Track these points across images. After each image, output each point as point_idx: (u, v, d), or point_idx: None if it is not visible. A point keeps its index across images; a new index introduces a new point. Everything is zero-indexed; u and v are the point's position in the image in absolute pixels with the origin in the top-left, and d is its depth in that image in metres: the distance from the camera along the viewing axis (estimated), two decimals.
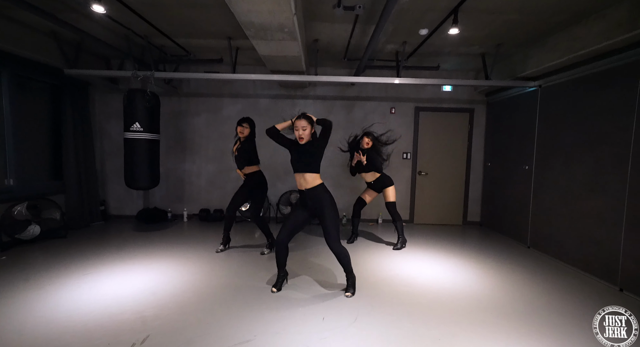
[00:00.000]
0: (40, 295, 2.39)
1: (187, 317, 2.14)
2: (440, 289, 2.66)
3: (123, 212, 5.04)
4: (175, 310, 2.23)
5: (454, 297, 2.53)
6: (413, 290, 2.64)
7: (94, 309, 2.21)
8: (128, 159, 3.83)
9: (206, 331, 1.98)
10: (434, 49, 3.99)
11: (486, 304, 2.43)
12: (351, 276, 2.53)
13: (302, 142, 2.35)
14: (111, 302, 2.31)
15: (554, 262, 3.40)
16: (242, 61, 4.67)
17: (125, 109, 3.78)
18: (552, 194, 3.54)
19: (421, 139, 5.12)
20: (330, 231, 2.36)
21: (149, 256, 3.30)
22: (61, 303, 2.28)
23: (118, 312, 2.18)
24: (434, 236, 4.44)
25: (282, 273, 2.58)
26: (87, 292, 2.46)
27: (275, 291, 2.52)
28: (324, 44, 3.93)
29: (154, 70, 3.89)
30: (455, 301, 2.46)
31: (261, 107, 5.07)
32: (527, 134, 3.99)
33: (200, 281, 2.73)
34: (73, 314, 2.14)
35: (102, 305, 2.27)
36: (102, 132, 4.91)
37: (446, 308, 2.35)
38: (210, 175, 5.14)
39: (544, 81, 3.72)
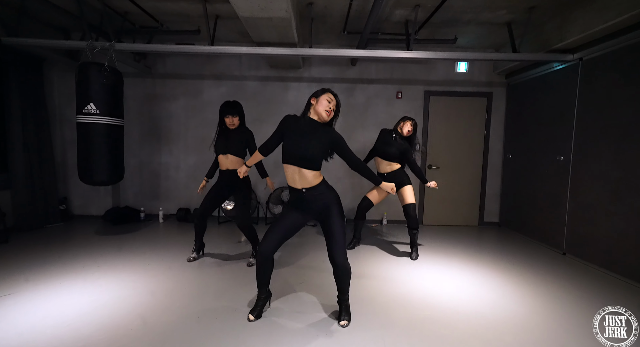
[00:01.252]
0: None
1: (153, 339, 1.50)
2: (471, 315, 2.02)
3: (88, 211, 4.37)
4: (126, 339, 1.58)
5: (487, 322, 1.90)
6: (435, 316, 2.00)
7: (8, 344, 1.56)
8: (81, 148, 3.16)
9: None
10: (452, 16, 3.33)
11: (520, 328, 1.79)
12: (346, 299, 1.93)
13: (329, 117, 1.81)
14: (35, 332, 1.66)
15: (599, 273, 2.77)
16: (224, 36, 4.00)
17: (78, 87, 3.11)
18: (597, 189, 2.91)
19: (432, 128, 4.46)
20: (338, 239, 1.80)
21: (108, 266, 2.65)
22: None
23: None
24: (448, 239, 3.80)
25: (263, 295, 1.94)
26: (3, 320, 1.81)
27: (252, 318, 1.88)
28: (320, 9, 3.27)
29: (115, 41, 3.22)
30: (488, 329, 1.82)
31: (248, 91, 4.40)
32: (561, 118, 3.34)
33: (168, 298, 2.09)
34: None
35: (21, 338, 1.62)
36: (62, 117, 4.22)
37: (479, 340, 1.71)
38: (190, 168, 4.48)
39: (585, 53, 3.07)
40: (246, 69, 4.39)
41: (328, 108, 1.79)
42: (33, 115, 3.65)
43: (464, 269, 2.81)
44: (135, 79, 4.30)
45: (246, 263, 2.79)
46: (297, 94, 4.42)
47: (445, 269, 2.80)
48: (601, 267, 2.84)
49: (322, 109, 1.79)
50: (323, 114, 1.79)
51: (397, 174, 3.06)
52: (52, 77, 4.12)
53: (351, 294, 1.98)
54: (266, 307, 2.00)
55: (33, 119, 3.66)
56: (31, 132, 3.63)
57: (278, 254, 3.02)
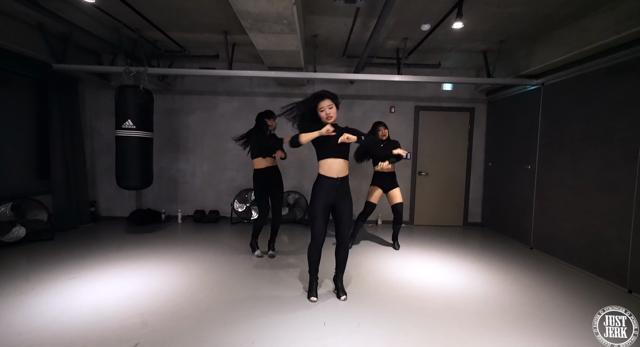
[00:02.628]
0: (20, 301, 2.22)
1: (179, 325, 1.99)
2: (444, 293, 2.55)
3: (114, 213, 4.86)
4: (166, 317, 2.08)
5: (459, 301, 2.42)
6: (417, 294, 2.52)
7: (77, 316, 2.05)
8: (119, 158, 3.66)
9: (200, 339, 1.84)
10: (436, 45, 3.91)
11: (493, 308, 2.32)
12: (342, 278, 2.45)
13: (331, 120, 2.14)
14: (96, 308, 2.16)
15: (559, 264, 3.31)
16: (238, 58, 4.54)
17: (117, 105, 3.62)
18: (557, 193, 3.46)
19: (421, 139, 5.02)
20: (348, 222, 2.29)
21: (140, 260, 3.14)
22: (41, 311, 2.11)
23: (103, 319, 2.03)
24: (434, 237, 4.33)
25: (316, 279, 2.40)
26: (70, 297, 2.30)
27: (315, 299, 2.33)
28: (323, 39, 3.83)
29: (147, 66, 3.75)
30: (460, 305, 2.35)
31: (258, 106, 4.93)
32: (529, 132, 3.91)
33: (194, 285, 2.59)
34: (54, 322, 1.98)
35: (85, 312, 2.11)
36: (92, 130, 4.74)
37: (452, 313, 2.23)
38: (205, 175, 4.99)
39: (547, 79, 3.64)
40: (256, 86, 4.93)
41: (325, 115, 2.14)
42: (70, 129, 4.16)
43: (449, 260, 3.33)
44: (157, 95, 4.80)
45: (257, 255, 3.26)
46: None
47: (431, 261, 3.32)
48: (560, 259, 3.38)
49: (324, 117, 2.15)
50: (326, 119, 2.15)
51: (394, 175, 3.60)
52: (85, 95, 4.64)
53: (349, 279, 2.50)
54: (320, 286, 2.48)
55: (70, 132, 4.16)
56: (68, 144, 4.13)
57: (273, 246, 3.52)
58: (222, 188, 4.99)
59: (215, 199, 4.98)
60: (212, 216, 4.82)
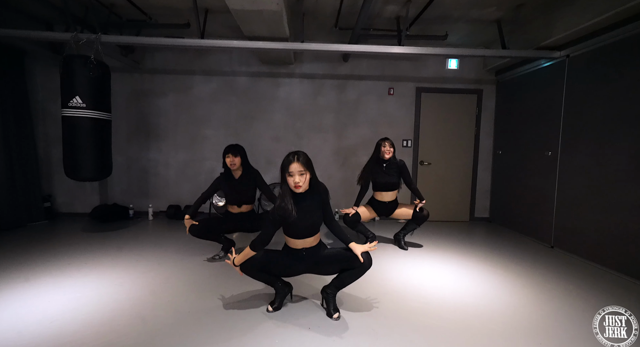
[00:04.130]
0: None
1: (138, 340, 1.45)
2: (459, 306, 2.03)
3: (74, 209, 4.26)
4: (113, 335, 1.53)
5: (477, 315, 1.91)
6: (426, 309, 2.00)
7: None
8: (67, 143, 3.07)
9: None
10: (442, 13, 3.35)
11: (512, 319, 1.82)
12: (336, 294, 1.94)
13: (299, 190, 1.69)
14: (11, 332, 1.60)
15: (585, 264, 2.83)
16: (214, 31, 3.94)
17: (63, 79, 3.02)
18: (582, 184, 2.97)
19: (423, 124, 4.49)
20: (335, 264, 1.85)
21: (97, 263, 2.57)
22: None
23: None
24: (439, 234, 3.83)
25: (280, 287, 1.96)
26: None
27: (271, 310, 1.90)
28: (311, 4, 3.25)
29: (101, 33, 3.13)
30: (477, 316, 1.85)
31: (239, 87, 4.35)
32: (549, 114, 3.41)
33: (161, 294, 2.04)
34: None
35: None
36: (45, 113, 4.10)
37: (471, 331, 1.72)
38: (180, 165, 4.41)
39: (572, 50, 3.13)
40: (237, 64, 4.34)
41: (293, 183, 1.67)
42: (13, 109, 3.53)
43: (455, 262, 2.83)
44: (122, 74, 4.20)
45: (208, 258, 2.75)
46: (289, 90, 4.39)
47: (436, 262, 2.82)
48: (587, 259, 2.90)
49: (292, 184, 1.68)
50: (294, 189, 1.69)
51: (396, 201, 3.14)
52: (35, 71, 3.99)
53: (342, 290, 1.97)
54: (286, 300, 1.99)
55: (14, 115, 3.54)
56: (11, 127, 3.51)
57: None
58: (200, 180, 4.41)
59: (192, 193, 4.39)
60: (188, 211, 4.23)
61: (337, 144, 4.45)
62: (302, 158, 1.68)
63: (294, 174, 1.66)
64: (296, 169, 1.66)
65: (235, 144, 2.71)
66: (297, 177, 1.66)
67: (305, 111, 4.41)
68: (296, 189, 1.68)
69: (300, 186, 1.67)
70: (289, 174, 1.67)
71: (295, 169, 1.66)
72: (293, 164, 1.66)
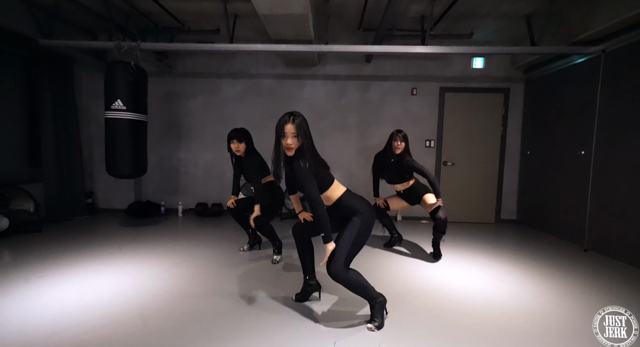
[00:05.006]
0: None
1: (173, 332, 1.58)
2: (487, 306, 2.02)
3: (112, 205, 4.57)
4: (163, 317, 1.67)
5: (504, 316, 1.89)
6: (452, 306, 2.00)
7: (41, 323, 1.67)
8: (109, 142, 3.32)
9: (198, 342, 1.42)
10: (469, 10, 3.33)
11: (542, 324, 1.78)
12: (373, 304, 1.73)
13: (290, 153, 1.62)
14: (64, 313, 1.78)
15: (623, 268, 2.70)
16: (242, 35, 4.11)
17: (106, 84, 3.27)
18: (621, 183, 2.83)
19: (447, 124, 4.43)
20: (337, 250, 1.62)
21: (133, 256, 2.77)
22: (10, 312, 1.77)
23: (68, 327, 1.64)
24: (464, 236, 3.76)
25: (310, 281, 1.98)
26: (35, 300, 1.94)
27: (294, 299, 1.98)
28: (336, 5, 3.32)
29: (140, 41, 3.37)
30: (505, 321, 1.82)
31: (264, 89, 4.50)
32: (583, 112, 3.27)
33: (192, 284, 2.18)
34: (23, 328, 1.62)
35: (51, 316, 1.73)
36: (89, 115, 4.44)
37: (495, 330, 1.71)
38: (208, 164, 4.61)
39: (608, 45, 3.00)
40: (262, 67, 4.49)
41: (285, 145, 1.61)
42: (63, 113, 3.86)
43: (485, 264, 2.78)
44: (156, 78, 4.47)
45: (271, 260, 2.69)
46: (312, 91, 4.48)
47: (464, 265, 2.77)
48: (625, 262, 2.76)
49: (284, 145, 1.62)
50: (286, 151, 1.63)
51: (413, 188, 2.93)
52: (81, 77, 4.34)
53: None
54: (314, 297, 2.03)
55: (63, 117, 3.86)
56: (61, 129, 3.83)
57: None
58: (226, 179, 4.58)
59: (219, 191, 4.59)
60: (215, 209, 4.43)
61: (360, 143, 4.48)
62: (297, 120, 1.60)
63: (287, 135, 1.58)
64: (290, 131, 1.58)
65: (241, 128, 2.65)
66: (290, 139, 1.57)
67: (329, 111, 4.48)
68: (287, 151, 1.61)
69: (291, 149, 1.59)
70: (283, 134, 1.60)
71: (289, 130, 1.58)
72: (287, 125, 1.58)
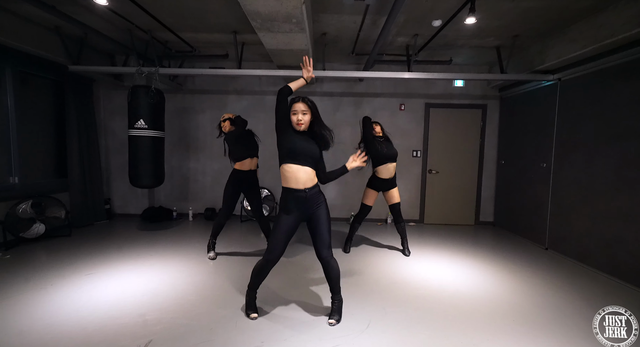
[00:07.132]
0: (40, 296, 2.31)
1: (191, 322, 2.04)
2: (456, 294, 2.52)
3: (127, 210, 4.98)
4: (178, 314, 2.13)
5: (472, 302, 2.39)
6: (427, 294, 2.50)
7: (93, 312, 2.12)
8: (132, 157, 3.75)
9: (210, 337, 1.88)
10: (447, 42, 3.83)
11: (506, 310, 2.28)
12: (338, 297, 2.09)
13: (301, 128, 1.94)
14: (112, 304, 2.23)
15: (574, 265, 3.23)
16: (248, 57, 4.56)
17: (130, 105, 3.70)
18: (573, 193, 3.37)
19: (431, 136, 4.95)
20: (324, 236, 1.97)
21: (153, 256, 3.21)
22: (61, 305, 2.20)
23: (119, 315, 2.09)
24: (445, 236, 4.28)
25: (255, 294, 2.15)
26: (87, 293, 2.38)
27: (256, 316, 2.08)
28: (332, 37, 3.80)
29: (159, 67, 3.80)
30: (473, 307, 2.32)
31: (267, 104, 4.96)
32: (544, 129, 3.81)
33: (205, 283, 2.64)
34: (72, 317, 2.05)
35: (102, 307, 2.18)
36: (106, 129, 4.85)
37: (464, 314, 2.21)
38: (215, 173, 5.06)
39: (564, 74, 3.54)
40: (265, 84, 4.95)
41: (296, 120, 1.91)
42: (85, 128, 4.27)
43: (460, 260, 3.29)
44: (168, 95, 4.86)
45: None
46: None
47: (442, 260, 3.29)
48: (576, 260, 3.29)
49: (294, 121, 1.92)
50: (296, 126, 1.93)
51: (393, 179, 3.35)
52: (99, 95, 4.75)
53: (357, 278, 2.49)
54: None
55: (85, 132, 4.27)
56: (84, 143, 4.24)
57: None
58: (222, 184, 5.02)
59: None
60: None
61: (352, 144, 4.97)
62: (307, 99, 1.93)
63: (297, 112, 1.91)
64: (300, 108, 1.91)
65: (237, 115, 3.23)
66: (300, 115, 1.90)
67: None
68: (298, 126, 1.91)
69: (302, 124, 1.91)
70: (293, 112, 1.91)
71: (299, 108, 1.91)
72: (298, 104, 1.91)
